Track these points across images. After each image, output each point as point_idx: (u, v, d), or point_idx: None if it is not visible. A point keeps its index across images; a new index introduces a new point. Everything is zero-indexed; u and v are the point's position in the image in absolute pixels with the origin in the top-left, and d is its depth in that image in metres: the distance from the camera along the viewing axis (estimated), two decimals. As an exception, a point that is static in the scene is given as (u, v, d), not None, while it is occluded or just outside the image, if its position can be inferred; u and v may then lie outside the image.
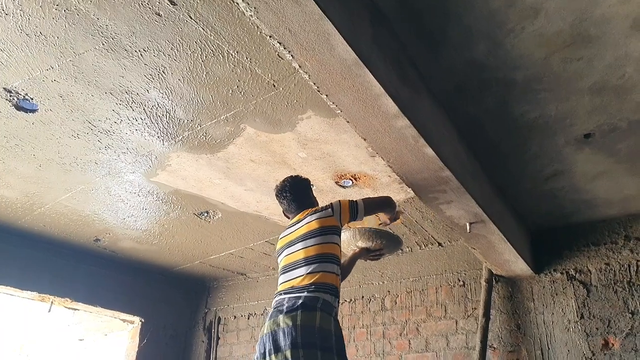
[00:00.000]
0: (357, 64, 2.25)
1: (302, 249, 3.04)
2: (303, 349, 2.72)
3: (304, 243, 3.05)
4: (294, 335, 2.75)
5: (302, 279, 2.93)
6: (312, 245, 3.03)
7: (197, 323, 6.54)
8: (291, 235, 3.16)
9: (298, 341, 2.73)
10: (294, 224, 3.20)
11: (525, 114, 3.18)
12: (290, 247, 3.12)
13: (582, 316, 4.20)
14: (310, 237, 3.06)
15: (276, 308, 2.93)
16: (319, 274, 2.94)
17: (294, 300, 2.87)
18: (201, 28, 2.64)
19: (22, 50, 2.83)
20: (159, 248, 5.51)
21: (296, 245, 3.08)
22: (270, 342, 2.80)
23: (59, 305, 5.56)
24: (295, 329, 2.76)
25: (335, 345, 2.82)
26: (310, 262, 2.97)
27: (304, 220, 3.14)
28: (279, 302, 2.96)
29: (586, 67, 2.79)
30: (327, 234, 3.08)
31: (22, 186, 4.25)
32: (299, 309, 2.81)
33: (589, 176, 3.81)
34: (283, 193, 3.32)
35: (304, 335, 2.76)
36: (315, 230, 3.07)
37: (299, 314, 2.80)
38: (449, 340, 4.65)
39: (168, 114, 3.32)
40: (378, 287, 5.23)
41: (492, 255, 4.17)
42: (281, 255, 3.18)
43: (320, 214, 3.12)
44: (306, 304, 2.84)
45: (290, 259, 3.07)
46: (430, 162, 2.97)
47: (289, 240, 3.16)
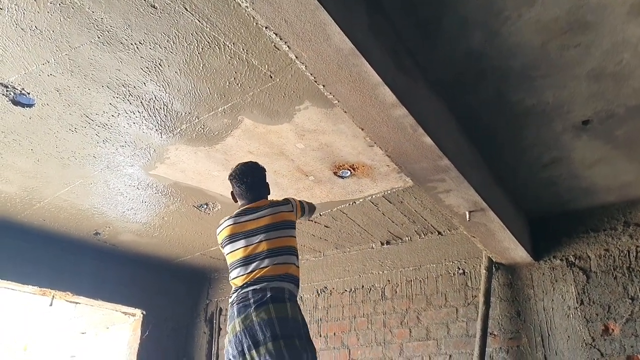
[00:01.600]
0: (354, 53, 2.25)
1: (264, 240, 3.04)
2: (283, 339, 2.80)
3: (267, 235, 3.05)
4: (273, 327, 2.82)
5: (267, 271, 2.96)
6: (277, 238, 3.07)
7: (198, 314, 6.57)
8: (247, 224, 3.11)
9: (277, 332, 2.81)
10: (250, 212, 3.15)
11: (523, 102, 3.18)
12: (248, 237, 3.07)
13: (582, 302, 4.21)
14: (273, 229, 3.08)
15: (241, 303, 2.92)
16: (283, 266, 3.01)
17: (260, 293, 2.90)
18: (197, 20, 2.63)
19: (18, 45, 2.82)
20: (159, 240, 5.52)
21: (257, 237, 3.05)
22: (248, 338, 2.82)
23: (60, 299, 5.58)
24: (272, 321, 2.83)
25: (303, 331, 2.94)
26: (275, 254, 3.02)
27: (264, 211, 3.14)
28: (243, 297, 2.94)
29: (583, 53, 2.78)
30: (288, 228, 3.16)
31: (21, 181, 4.25)
32: (269, 302, 2.87)
33: (587, 163, 3.81)
34: (243, 177, 3.27)
35: (282, 326, 2.84)
36: (279, 224, 3.11)
37: (270, 307, 2.86)
38: (449, 328, 4.67)
39: (165, 106, 3.31)
40: (378, 277, 5.24)
41: (492, 243, 4.17)
42: (234, 243, 3.11)
43: (284, 208, 3.18)
44: (275, 296, 2.90)
45: (251, 250, 3.04)
46: (429, 151, 2.97)
47: (245, 229, 3.10)
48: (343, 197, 4.48)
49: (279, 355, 2.76)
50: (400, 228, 4.99)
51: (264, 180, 3.37)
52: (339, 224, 4.97)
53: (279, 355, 2.76)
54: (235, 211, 3.26)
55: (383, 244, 5.33)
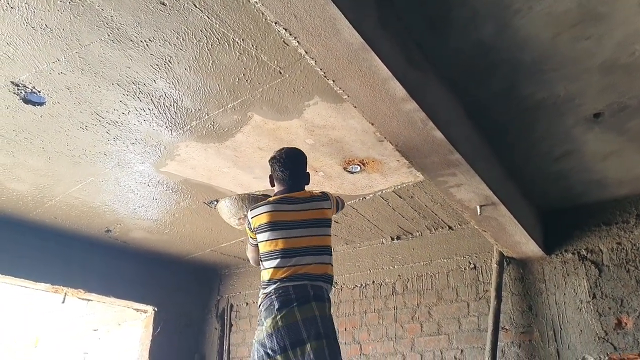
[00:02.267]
0: (364, 48, 2.24)
1: (311, 235, 2.96)
2: (325, 338, 2.77)
3: (314, 230, 2.97)
4: (317, 326, 2.78)
5: (309, 269, 2.89)
6: (322, 236, 3.01)
7: (209, 311, 6.59)
8: (289, 214, 2.99)
9: (321, 332, 2.77)
10: (291, 202, 3.03)
11: (534, 95, 3.16)
12: (290, 229, 2.95)
13: (594, 296, 4.19)
14: (320, 225, 3.01)
15: (282, 297, 2.84)
16: (326, 266, 2.97)
17: (301, 289, 2.84)
18: (206, 16, 2.63)
19: (29, 44, 2.83)
20: (170, 237, 5.54)
21: (303, 230, 2.95)
22: (292, 336, 2.76)
23: (72, 296, 5.62)
24: (316, 319, 2.79)
25: (336, 333, 2.92)
26: (320, 253, 2.95)
27: (308, 204, 3.03)
28: (284, 291, 2.85)
29: (595, 45, 2.75)
30: (328, 226, 3.09)
31: (33, 179, 4.28)
32: (312, 300, 2.82)
33: (599, 156, 3.78)
34: (289, 162, 3.14)
35: (324, 326, 2.81)
36: (324, 220, 3.05)
37: (314, 305, 2.81)
38: (461, 323, 4.66)
39: (175, 103, 3.32)
40: (389, 272, 5.24)
41: (503, 237, 4.16)
42: (273, 232, 2.97)
43: (325, 204, 3.09)
44: (317, 295, 2.86)
45: (296, 243, 2.93)
46: (440, 145, 2.96)
47: (286, 219, 2.98)
48: (353, 192, 4.47)
49: (321, 354, 2.72)
50: (410, 223, 4.98)
51: (306, 167, 3.25)
52: (349, 219, 4.97)
53: (321, 354, 2.73)
54: (273, 197, 3.13)
55: (393, 239, 5.32)
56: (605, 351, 4.01)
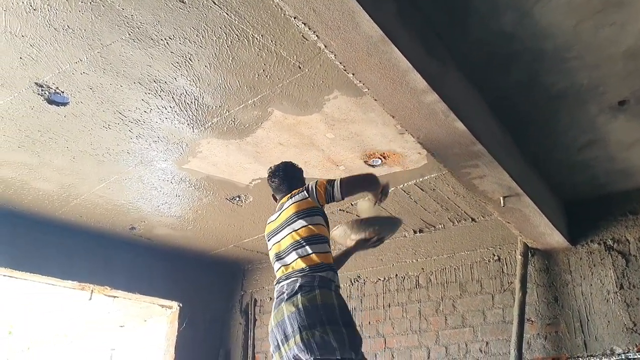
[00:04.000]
0: (383, 40, 2.23)
1: (288, 234, 3.01)
2: (310, 329, 2.74)
3: (289, 228, 3.01)
4: (299, 319, 2.77)
5: (296, 264, 2.94)
6: (301, 228, 2.99)
7: (233, 306, 6.63)
8: (276, 221, 3.13)
9: (305, 324, 2.75)
10: (279, 209, 3.16)
11: (556, 84, 3.12)
12: (277, 234, 3.09)
13: (621, 286, 4.14)
14: (296, 219, 3.01)
15: (278, 297, 2.94)
16: (310, 256, 2.94)
17: (292, 285, 2.88)
18: (225, 13, 2.64)
19: (51, 45, 2.87)
20: (193, 234, 5.58)
21: (282, 232, 3.05)
22: (281, 333, 2.82)
23: (98, 293, 5.69)
24: (299, 312, 2.78)
25: (340, 317, 2.82)
26: (300, 246, 2.96)
27: (287, 203, 3.10)
28: (279, 291, 2.96)
29: (619, 32, 2.71)
30: (307, 216, 3.03)
31: (58, 178, 4.34)
32: (297, 293, 2.84)
33: (624, 144, 3.73)
34: (272, 176, 3.27)
35: (308, 316, 2.77)
36: (301, 212, 3.02)
37: (299, 297, 2.82)
38: (485, 315, 4.63)
39: (196, 101, 3.34)
40: (412, 265, 5.22)
41: (527, 228, 4.12)
42: (270, 241, 3.16)
43: (295, 198, 3.08)
44: (304, 286, 2.86)
45: (280, 246, 3.05)
46: (462, 137, 2.94)
47: (274, 227, 3.13)
48: (375, 186, 4.45)
49: (309, 345, 2.71)
50: (433, 216, 4.95)
51: (295, 175, 3.30)
52: (371, 213, 4.96)
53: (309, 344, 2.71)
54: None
55: (416, 232, 5.30)
56: (634, 342, 3.96)
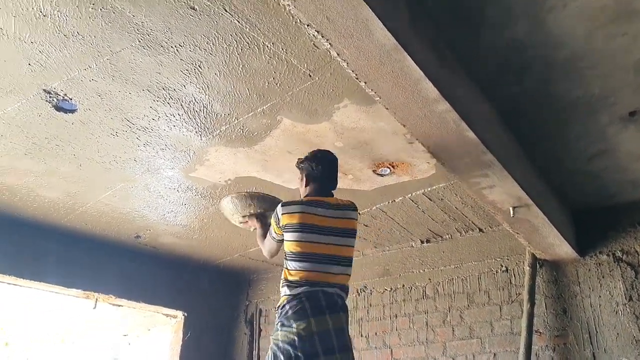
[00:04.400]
0: (396, 48, 2.22)
1: (342, 245, 2.92)
2: (350, 352, 2.82)
3: (344, 240, 2.94)
4: (345, 337, 2.81)
5: (342, 278, 2.89)
6: (350, 247, 2.98)
7: (238, 315, 6.59)
8: (327, 220, 2.92)
9: (348, 344, 2.81)
10: (327, 207, 2.96)
11: (568, 93, 3.10)
12: (333, 235, 2.90)
13: (630, 298, 4.10)
14: (350, 236, 2.98)
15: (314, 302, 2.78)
16: (348, 277, 2.97)
17: (333, 298, 2.83)
18: (236, 20, 2.63)
19: (60, 51, 2.86)
20: (199, 243, 5.56)
21: (341, 239, 2.92)
22: (324, 342, 2.72)
23: (103, 301, 5.66)
24: (344, 331, 2.82)
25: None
26: (346, 264, 2.94)
27: (344, 212, 2.99)
28: (314, 296, 2.80)
29: (631, 42, 2.69)
30: (355, 237, 3.05)
31: (64, 186, 4.32)
32: (340, 311, 2.83)
33: (634, 155, 3.70)
34: (327, 162, 3.10)
35: (349, 338, 2.85)
36: (353, 231, 3.01)
37: (342, 316, 2.83)
38: (493, 327, 4.59)
39: (205, 108, 3.33)
40: (419, 275, 5.19)
41: (536, 239, 4.09)
42: (308, 234, 2.89)
43: (355, 214, 3.05)
44: (344, 306, 2.88)
45: (328, 250, 2.88)
46: (473, 146, 2.92)
47: (332, 225, 2.92)
48: (382, 195, 4.43)
49: None
50: (440, 226, 4.92)
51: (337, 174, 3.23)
52: (378, 222, 4.93)
53: None
54: (305, 198, 3.05)
55: (423, 242, 5.27)
56: (644, 355, 3.92)
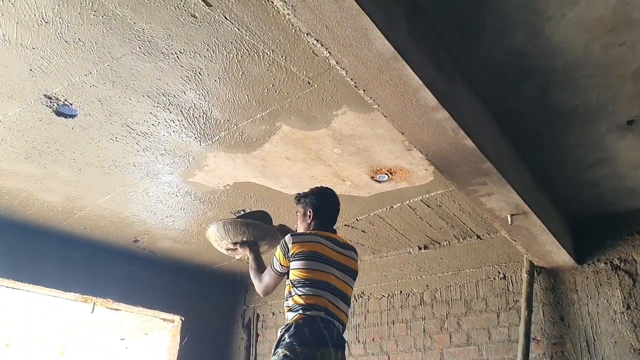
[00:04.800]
0: (395, 57, 2.23)
1: (348, 284, 2.99)
2: None
3: (350, 280, 3.01)
4: None
5: (343, 316, 2.91)
6: (352, 287, 3.04)
7: (236, 320, 6.59)
8: (340, 257, 2.99)
9: None
10: (338, 245, 3.04)
11: (566, 102, 3.11)
12: (340, 270, 2.96)
13: (628, 307, 4.10)
14: (354, 277, 3.06)
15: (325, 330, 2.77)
16: (347, 317, 3.00)
17: (336, 333, 2.82)
18: (236, 28, 2.64)
19: (62, 57, 2.87)
20: (197, 247, 5.57)
21: (345, 276, 2.98)
22: None
23: (100, 305, 5.66)
24: None
25: None
26: (349, 303, 3.01)
27: (350, 251, 3.09)
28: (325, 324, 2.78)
29: (629, 52, 2.71)
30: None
31: (63, 190, 4.33)
32: (340, 349, 2.82)
33: (632, 163, 3.71)
34: (337, 206, 3.25)
35: None
36: (356, 273, 3.10)
37: (340, 355, 2.81)
38: (490, 334, 4.60)
39: (205, 114, 3.34)
40: (416, 282, 5.19)
41: (534, 246, 4.10)
42: (325, 265, 2.91)
43: (355, 256, 3.13)
44: (343, 345, 2.87)
45: (343, 287, 2.95)
46: (471, 154, 2.93)
47: (341, 261, 2.99)
48: (380, 201, 4.45)
49: None
50: (438, 232, 4.93)
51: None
52: (376, 228, 4.94)
53: None
54: (316, 232, 3.07)
55: (421, 249, 5.27)
56: (640, 363, 3.92)
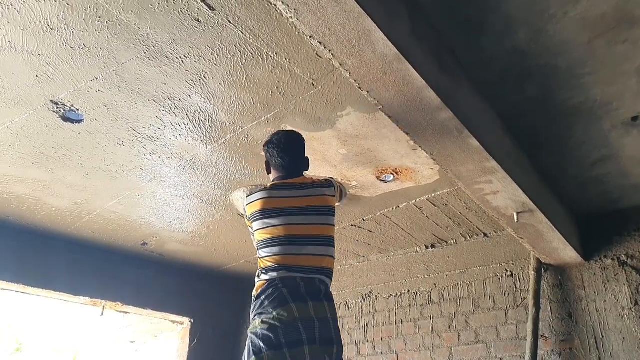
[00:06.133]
0: (398, 58, 2.24)
1: (320, 224, 2.77)
2: (336, 345, 2.60)
3: (315, 218, 2.77)
4: (330, 330, 2.60)
5: (323, 260, 2.71)
6: (325, 225, 2.81)
7: (244, 321, 6.59)
8: (291, 200, 2.77)
9: (333, 337, 2.60)
10: (291, 188, 2.83)
11: (570, 100, 3.12)
12: (294, 215, 2.73)
13: (636, 302, 4.10)
14: (326, 214, 2.82)
15: (292, 288, 2.57)
16: (330, 259, 2.77)
17: (314, 284, 2.63)
18: (240, 32, 2.66)
19: (67, 63, 2.90)
20: (205, 249, 5.59)
21: (304, 217, 2.74)
22: (308, 331, 2.51)
23: (110, 309, 5.70)
24: (329, 322, 2.61)
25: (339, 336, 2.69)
26: (322, 243, 2.75)
27: (311, 189, 2.84)
28: (292, 282, 2.59)
29: (632, 49, 2.71)
30: (331, 215, 2.88)
31: (71, 195, 4.36)
32: (324, 299, 2.62)
33: (637, 160, 3.71)
34: (290, 147, 2.95)
35: (336, 331, 2.62)
36: (327, 208, 2.84)
37: (326, 305, 2.62)
38: (499, 332, 4.60)
39: (210, 118, 3.36)
40: (424, 281, 5.20)
41: (541, 244, 4.10)
42: (271, 219, 2.73)
43: (327, 191, 2.89)
44: (328, 294, 2.68)
45: (297, 230, 2.72)
46: (476, 153, 2.94)
47: (298, 205, 2.76)
48: (386, 201, 4.46)
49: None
50: (445, 231, 4.94)
51: (305, 153, 3.07)
52: (382, 228, 4.95)
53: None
54: (270, 184, 2.94)
55: (428, 248, 5.28)
56: (649, 359, 3.92)
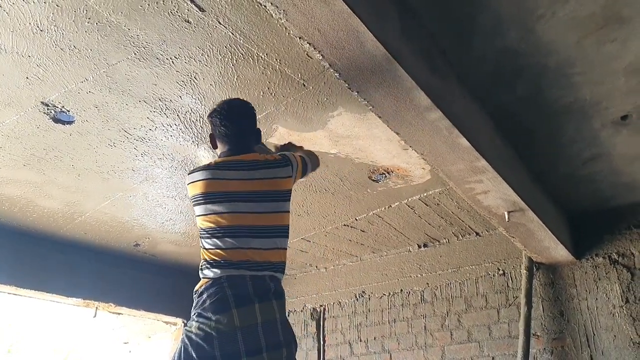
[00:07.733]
0: (387, 59, 2.25)
1: (272, 212, 2.46)
2: (286, 347, 2.34)
3: (272, 205, 2.46)
4: (277, 332, 2.33)
5: (275, 254, 2.43)
6: (282, 213, 2.51)
7: (238, 322, 6.59)
8: (237, 183, 2.44)
9: (281, 339, 2.33)
10: (236, 167, 2.49)
11: (560, 99, 3.14)
12: (239, 202, 2.41)
13: (627, 300, 4.12)
14: (279, 199, 2.50)
15: (239, 288, 2.30)
16: (282, 252, 2.48)
17: (262, 283, 2.35)
18: (230, 32, 2.66)
19: (57, 65, 2.89)
20: (197, 250, 5.50)
21: (264, 204, 2.44)
22: (248, 342, 2.23)
23: (103, 310, 5.68)
24: (276, 324, 2.33)
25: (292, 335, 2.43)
26: (281, 234, 2.49)
27: (262, 171, 2.50)
28: (240, 281, 2.31)
29: (620, 48, 2.73)
30: (285, 200, 2.56)
31: (63, 196, 4.35)
32: (272, 298, 2.34)
33: (627, 158, 3.74)
34: (232, 113, 2.64)
35: (284, 332, 2.36)
36: (283, 193, 2.53)
37: (274, 304, 2.35)
38: (491, 330, 4.62)
39: (201, 118, 3.36)
40: (416, 280, 5.21)
41: (532, 243, 4.12)
42: (214, 205, 2.41)
43: (285, 171, 2.57)
44: (277, 291, 2.39)
45: (243, 220, 2.40)
46: (466, 153, 2.95)
47: (233, 189, 2.42)
48: (378, 200, 4.47)
49: None
50: (437, 230, 4.95)
51: (256, 124, 2.78)
52: (375, 228, 4.96)
53: None
54: (215, 160, 2.64)
55: (420, 247, 5.29)
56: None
